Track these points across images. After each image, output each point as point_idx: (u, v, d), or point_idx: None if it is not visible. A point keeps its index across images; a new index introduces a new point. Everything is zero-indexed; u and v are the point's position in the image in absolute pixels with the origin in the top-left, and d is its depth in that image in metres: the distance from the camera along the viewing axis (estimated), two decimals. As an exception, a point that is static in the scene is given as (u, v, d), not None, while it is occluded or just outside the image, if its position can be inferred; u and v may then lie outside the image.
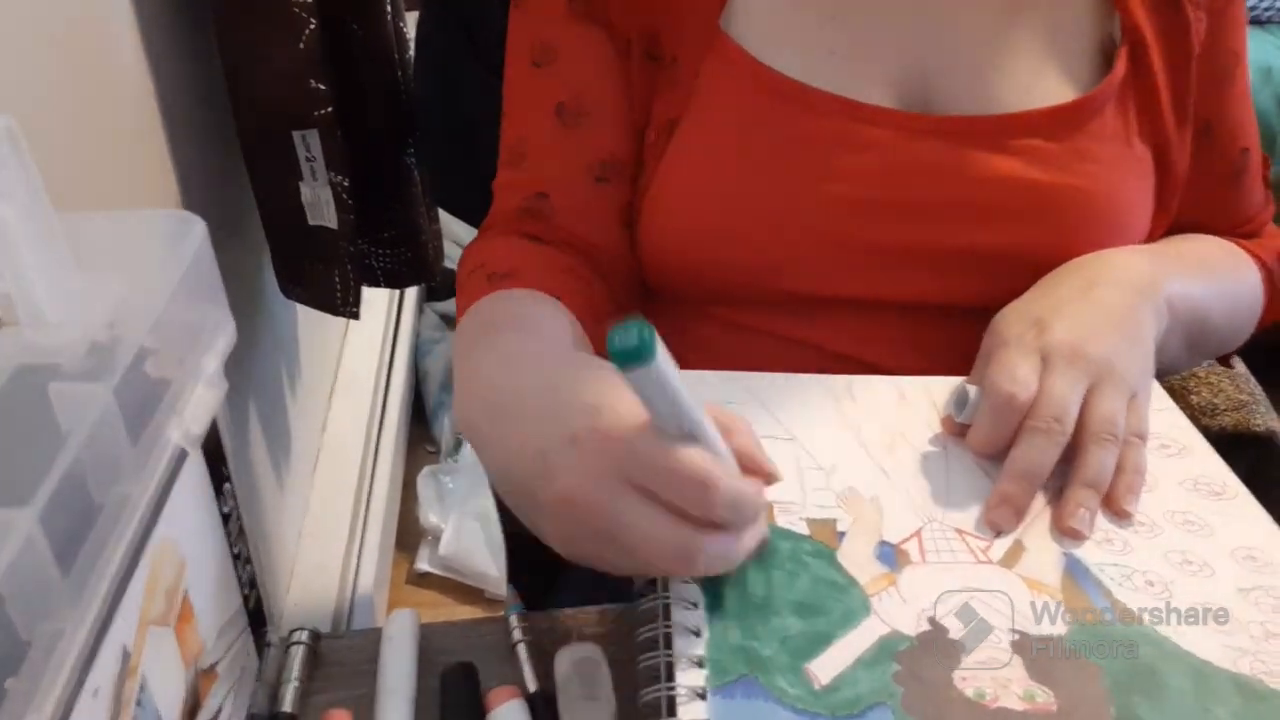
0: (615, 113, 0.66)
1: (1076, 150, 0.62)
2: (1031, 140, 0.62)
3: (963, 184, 0.62)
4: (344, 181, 0.90)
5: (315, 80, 0.85)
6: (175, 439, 0.38)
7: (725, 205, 0.63)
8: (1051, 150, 0.62)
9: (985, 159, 0.62)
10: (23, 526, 0.28)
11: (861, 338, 0.65)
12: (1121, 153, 0.64)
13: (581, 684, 0.45)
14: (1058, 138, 0.62)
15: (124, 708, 0.33)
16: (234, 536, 0.45)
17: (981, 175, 0.62)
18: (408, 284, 1.11)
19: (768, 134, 0.63)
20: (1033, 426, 0.51)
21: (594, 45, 0.65)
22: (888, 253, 0.63)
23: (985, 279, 0.63)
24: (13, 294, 0.35)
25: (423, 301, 1.95)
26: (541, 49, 0.66)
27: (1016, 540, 0.50)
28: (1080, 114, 0.63)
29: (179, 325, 0.40)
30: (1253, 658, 0.44)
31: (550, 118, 0.66)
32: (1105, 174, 0.63)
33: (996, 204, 0.62)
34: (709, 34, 0.63)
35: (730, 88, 0.63)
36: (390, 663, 0.47)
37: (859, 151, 0.62)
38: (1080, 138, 0.62)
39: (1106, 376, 0.53)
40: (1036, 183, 0.62)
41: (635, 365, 0.37)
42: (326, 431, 1.43)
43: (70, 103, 0.68)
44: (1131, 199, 0.65)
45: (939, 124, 0.62)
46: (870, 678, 0.43)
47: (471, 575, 1.52)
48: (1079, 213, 0.62)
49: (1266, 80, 1.58)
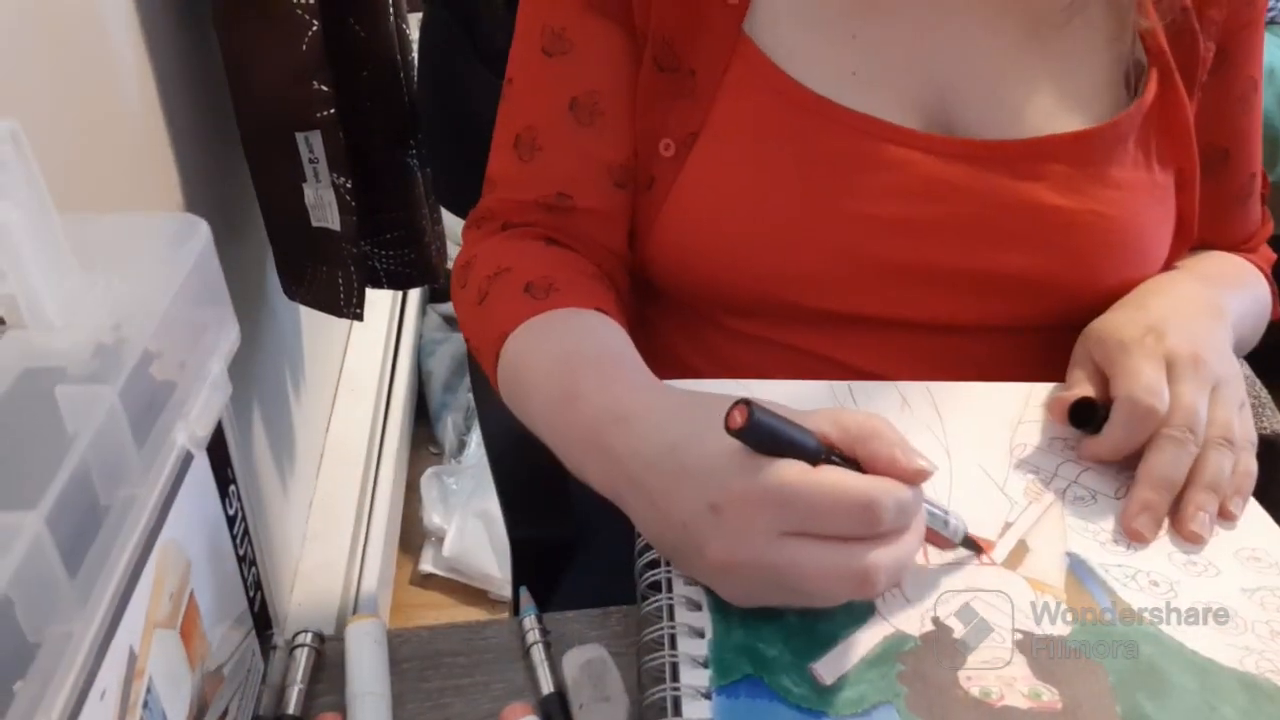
0: (628, 117, 0.64)
1: (1099, 176, 0.62)
2: (1055, 166, 0.62)
3: (985, 207, 0.61)
4: (347, 183, 0.90)
5: (317, 81, 0.85)
6: (181, 441, 0.38)
7: (746, 218, 0.62)
8: (1074, 176, 0.62)
9: (1008, 183, 0.61)
10: (30, 529, 0.28)
11: (875, 354, 0.65)
12: (1143, 179, 0.64)
13: (592, 686, 0.45)
14: (1081, 164, 0.62)
15: (131, 710, 0.34)
16: (239, 538, 0.45)
17: (1005, 199, 0.61)
18: (411, 285, 1.12)
19: (791, 148, 0.62)
20: (1170, 436, 0.52)
21: (611, 41, 0.64)
22: (906, 272, 0.62)
23: (1003, 301, 0.63)
24: (17, 296, 0.35)
25: (426, 303, 1.95)
26: (554, 36, 0.64)
27: (1020, 541, 0.50)
28: (1106, 140, 0.62)
29: (183, 327, 0.40)
30: (1259, 656, 0.44)
31: (563, 112, 0.64)
32: (1127, 200, 0.62)
33: (1018, 228, 0.62)
34: (732, 41, 0.62)
35: (754, 98, 0.62)
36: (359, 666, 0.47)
37: (883, 170, 0.61)
38: (1103, 164, 0.62)
39: (1223, 384, 0.54)
40: (1059, 208, 0.61)
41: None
42: (330, 433, 1.43)
43: (73, 106, 0.68)
44: (1152, 226, 0.65)
45: (964, 146, 0.62)
46: (875, 677, 0.43)
47: (475, 576, 1.52)
48: (1100, 239, 0.62)
49: (1268, 80, 1.58)
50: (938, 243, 0.62)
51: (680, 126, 0.63)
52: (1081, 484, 0.54)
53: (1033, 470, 0.54)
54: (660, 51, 0.63)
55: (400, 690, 0.47)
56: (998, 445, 0.56)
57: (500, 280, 0.61)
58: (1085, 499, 0.53)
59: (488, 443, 0.91)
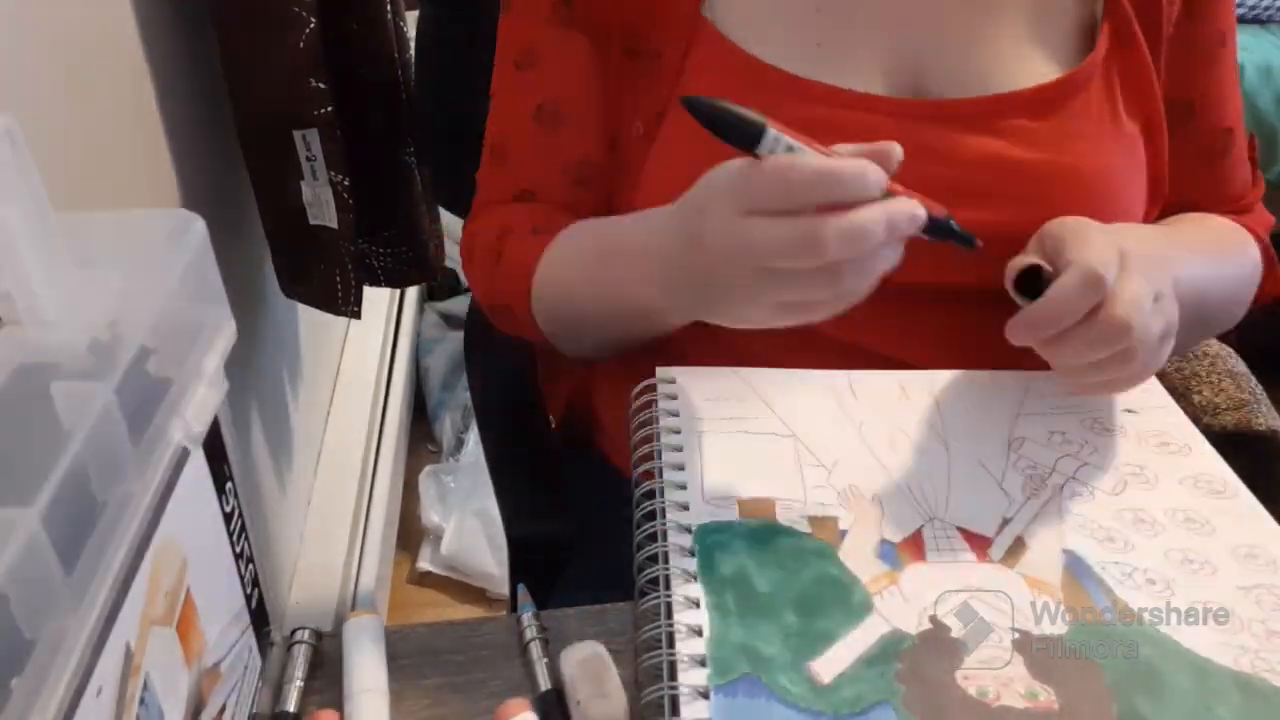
0: (593, 119, 0.68)
1: (1063, 129, 0.63)
2: (1017, 120, 0.62)
3: (951, 166, 0.62)
4: (344, 181, 0.90)
5: (315, 79, 0.85)
6: (177, 438, 0.38)
7: None
8: (1038, 129, 0.62)
9: (972, 140, 0.62)
10: (26, 526, 0.28)
11: (853, 322, 0.65)
12: (1109, 130, 0.64)
13: (590, 683, 0.45)
14: (1043, 116, 0.63)
15: (127, 707, 0.33)
16: (236, 535, 0.45)
17: (969, 157, 0.62)
18: (409, 283, 1.11)
19: None
20: (1103, 324, 0.51)
21: (575, 50, 0.67)
22: None
23: (976, 259, 0.63)
24: (13, 293, 0.35)
25: (424, 301, 1.95)
26: (524, 52, 0.69)
27: (1018, 539, 0.50)
28: (1064, 92, 0.63)
29: (180, 324, 0.40)
30: (1254, 656, 0.44)
31: (529, 119, 0.69)
32: (1092, 151, 0.63)
33: (985, 185, 0.62)
34: (691, 23, 0.64)
35: (716, 78, 0.64)
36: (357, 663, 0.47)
37: (846, 138, 0.62)
38: (1065, 116, 0.63)
39: (1163, 298, 0.54)
40: (1023, 162, 0.62)
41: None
42: (328, 431, 1.43)
43: (70, 103, 0.68)
44: (1121, 176, 0.65)
45: (924, 107, 0.63)
46: (872, 676, 0.43)
47: (473, 574, 1.52)
48: (1068, 190, 0.62)
49: (1267, 80, 1.58)
50: None
51: (648, 107, 0.65)
52: (1079, 480, 0.54)
53: (1031, 465, 0.54)
54: (626, 40, 0.65)
55: (398, 687, 0.47)
56: (996, 439, 0.56)
57: (508, 238, 0.68)
58: (1083, 495, 0.53)
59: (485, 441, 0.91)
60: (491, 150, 0.73)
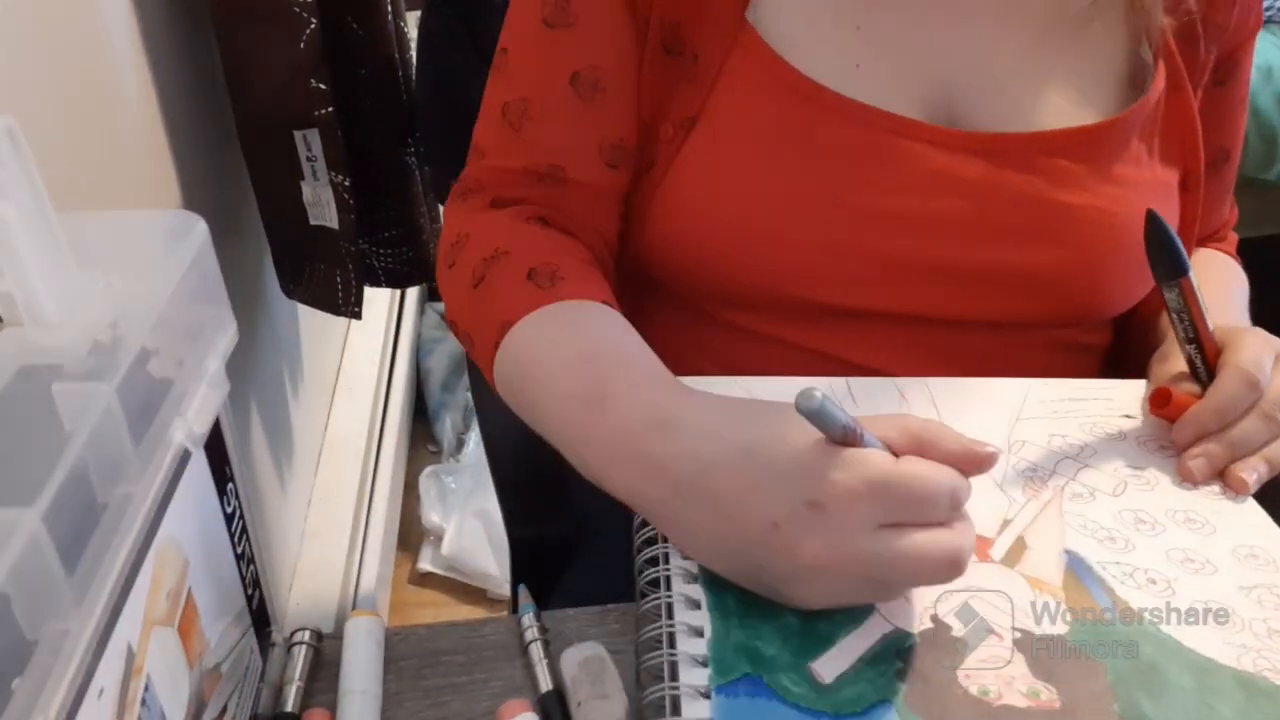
0: (631, 96, 0.63)
1: (1102, 172, 0.62)
2: (1058, 160, 0.61)
3: (988, 201, 0.61)
4: (345, 181, 0.90)
5: (316, 80, 0.85)
6: (178, 439, 0.38)
7: (744, 208, 0.62)
8: (1077, 171, 0.61)
9: (1012, 177, 0.61)
10: (27, 526, 0.28)
11: (875, 348, 0.65)
12: (1146, 177, 0.64)
13: (591, 683, 0.44)
14: (1083, 159, 0.62)
15: (129, 708, 0.33)
16: (237, 536, 0.45)
17: (1007, 193, 0.61)
18: (409, 284, 1.11)
19: (793, 138, 0.61)
20: (1264, 411, 0.55)
21: (616, 19, 0.62)
22: (908, 266, 0.62)
23: (1006, 296, 0.63)
24: (14, 294, 0.35)
25: (424, 301, 1.95)
26: (557, 7, 0.62)
27: (1019, 538, 0.50)
28: (1108, 135, 0.62)
29: (181, 325, 0.40)
30: (1256, 654, 0.44)
31: (563, 84, 0.62)
32: (1130, 197, 0.62)
33: (1020, 222, 0.61)
34: (734, 28, 0.61)
35: (755, 87, 0.61)
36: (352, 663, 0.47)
37: (886, 163, 0.61)
38: (1106, 160, 0.62)
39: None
40: (1062, 203, 0.61)
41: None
42: (328, 431, 1.43)
43: (71, 102, 0.68)
44: None
45: (969, 140, 0.61)
46: (874, 676, 0.43)
47: (474, 575, 1.52)
48: (1102, 234, 0.62)
49: (1267, 80, 1.57)
50: (939, 237, 0.61)
51: (680, 110, 0.62)
52: (1080, 481, 0.54)
53: (1031, 467, 0.54)
54: (667, 34, 0.62)
55: (398, 688, 0.47)
56: (996, 441, 0.55)
57: (499, 264, 0.58)
58: (1084, 496, 0.53)
59: (486, 441, 0.91)
60: (505, 112, 0.63)
